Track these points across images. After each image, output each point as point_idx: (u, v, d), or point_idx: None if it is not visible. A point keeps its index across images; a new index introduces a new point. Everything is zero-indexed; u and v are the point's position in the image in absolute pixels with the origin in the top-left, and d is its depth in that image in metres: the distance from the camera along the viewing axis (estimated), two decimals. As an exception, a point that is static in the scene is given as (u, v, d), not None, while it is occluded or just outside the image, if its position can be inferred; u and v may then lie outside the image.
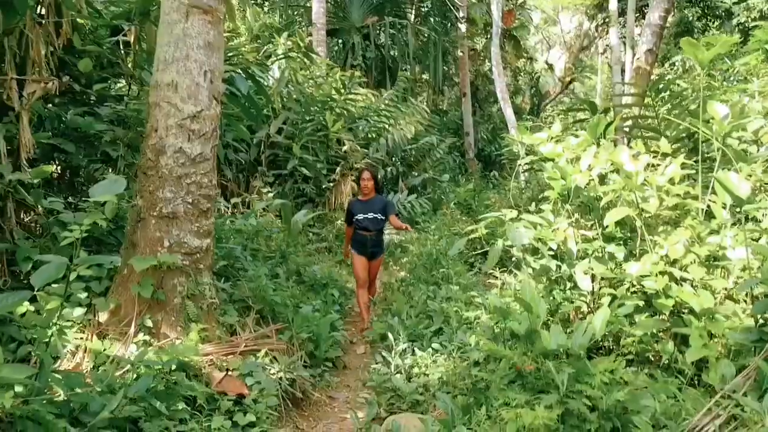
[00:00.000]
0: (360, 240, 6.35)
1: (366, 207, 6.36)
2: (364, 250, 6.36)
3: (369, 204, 6.36)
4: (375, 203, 6.37)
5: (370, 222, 6.29)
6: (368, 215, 6.29)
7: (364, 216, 6.30)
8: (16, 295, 2.55)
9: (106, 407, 2.77)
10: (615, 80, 10.02)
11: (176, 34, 4.05)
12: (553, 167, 4.05)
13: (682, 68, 17.38)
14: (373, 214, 6.29)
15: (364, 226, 6.29)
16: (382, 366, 4.60)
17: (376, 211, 6.31)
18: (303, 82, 12.24)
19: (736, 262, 3.28)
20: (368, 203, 6.37)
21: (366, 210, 6.33)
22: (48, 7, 4.80)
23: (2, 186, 4.33)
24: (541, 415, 2.68)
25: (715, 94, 6.95)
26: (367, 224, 6.28)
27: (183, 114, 4.06)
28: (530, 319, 3.25)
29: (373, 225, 6.31)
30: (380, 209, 6.33)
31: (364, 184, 6.38)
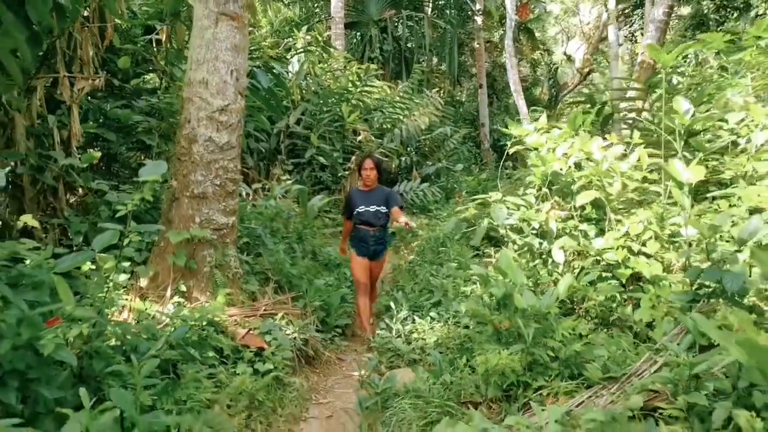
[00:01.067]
0: (361, 237, 5.66)
1: (368, 198, 5.66)
2: (365, 249, 5.68)
3: (371, 195, 5.68)
4: (377, 194, 5.69)
5: (372, 216, 5.60)
6: (370, 208, 5.60)
7: (366, 209, 5.60)
8: (82, 255, 3.18)
9: (151, 349, 3.39)
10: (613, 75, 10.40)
11: (207, 38, 4.66)
12: (536, 156, 4.59)
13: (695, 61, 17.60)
14: (375, 206, 5.61)
15: (366, 220, 5.61)
16: (385, 331, 5.20)
17: (379, 203, 5.62)
18: (321, 75, 12.83)
19: (687, 238, 3.81)
20: (370, 194, 5.69)
21: (368, 202, 5.63)
22: (93, 12, 5.44)
23: (56, 170, 5.00)
24: (505, 358, 3.25)
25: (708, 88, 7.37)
26: (369, 218, 5.60)
27: (212, 107, 4.67)
28: (506, 285, 3.81)
29: (376, 219, 5.62)
30: (383, 201, 5.65)
31: (366, 174, 5.65)
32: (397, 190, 12.59)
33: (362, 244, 5.68)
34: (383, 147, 12.49)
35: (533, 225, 4.57)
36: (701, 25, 21.20)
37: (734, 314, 2.29)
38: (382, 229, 5.72)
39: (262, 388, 3.78)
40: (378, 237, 5.69)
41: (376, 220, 5.63)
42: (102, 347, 3.16)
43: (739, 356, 1.93)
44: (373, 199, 5.65)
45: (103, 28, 5.40)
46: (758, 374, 1.91)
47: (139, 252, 4.80)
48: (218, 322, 4.26)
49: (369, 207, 5.62)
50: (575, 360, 3.48)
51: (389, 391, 3.86)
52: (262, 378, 3.92)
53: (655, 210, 3.92)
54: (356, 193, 5.83)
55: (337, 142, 11.59)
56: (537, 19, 22.58)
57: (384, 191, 5.78)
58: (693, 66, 17.82)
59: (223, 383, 3.66)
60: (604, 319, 3.88)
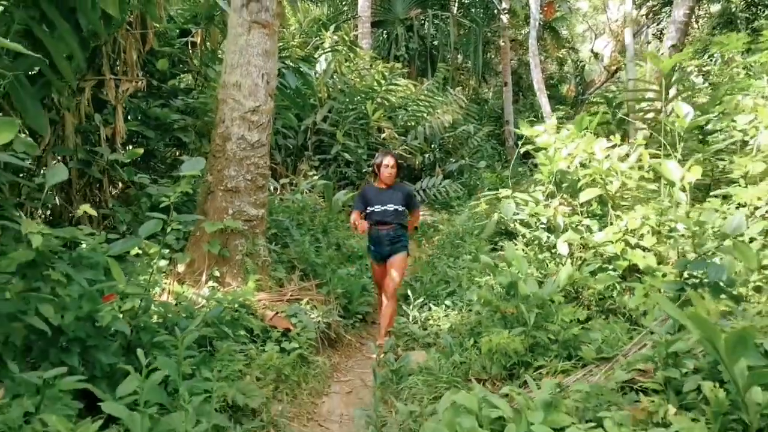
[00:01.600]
0: (374, 238, 5.31)
1: (384, 197, 5.30)
2: (380, 252, 5.32)
3: (388, 194, 5.32)
4: (396, 193, 5.37)
5: (390, 215, 5.24)
6: (387, 207, 5.23)
7: (383, 208, 5.23)
8: (131, 240, 3.60)
9: (190, 325, 3.81)
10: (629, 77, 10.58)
11: (240, 44, 5.06)
12: (544, 155, 4.90)
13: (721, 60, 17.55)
14: (393, 205, 5.26)
15: (380, 220, 5.23)
16: (402, 317, 5.56)
17: (396, 202, 5.29)
18: (347, 74, 13.20)
19: (682, 233, 4.09)
20: (387, 193, 5.33)
21: (384, 201, 5.27)
22: (136, 18, 5.88)
23: (102, 164, 5.46)
24: (507, 338, 3.58)
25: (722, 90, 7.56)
26: (386, 217, 5.23)
27: (245, 108, 5.08)
28: (512, 275, 4.14)
29: (394, 217, 5.27)
30: (402, 200, 5.32)
31: (388, 172, 5.29)
32: (420, 186, 12.91)
33: (377, 247, 5.32)
34: (407, 144, 12.83)
35: (542, 220, 4.88)
36: (729, 23, 21.04)
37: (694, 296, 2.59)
38: (398, 227, 5.27)
39: (288, 364, 4.17)
40: (394, 236, 5.25)
41: (394, 218, 5.24)
42: (148, 322, 3.58)
43: (694, 331, 2.24)
44: (392, 198, 5.28)
45: (144, 33, 5.84)
46: (709, 345, 2.21)
47: (177, 240, 5.24)
48: (249, 305, 4.67)
49: (386, 206, 5.22)
50: (573, 342, 3.79)
51: (404, 369, 4.23)
52: (288, 355, 4.31)
53: (652, 207, 4.20)
54: (371, 190, 5.39)
55: (362, 139, 11.96)
56: (562, 18, 22.66)
57: (404, 189, 5.51)
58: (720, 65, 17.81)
59: (253, 358, 4.06)
60: (603, 306, 4.18)
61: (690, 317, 2.15)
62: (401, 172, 5.82)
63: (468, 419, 2.69)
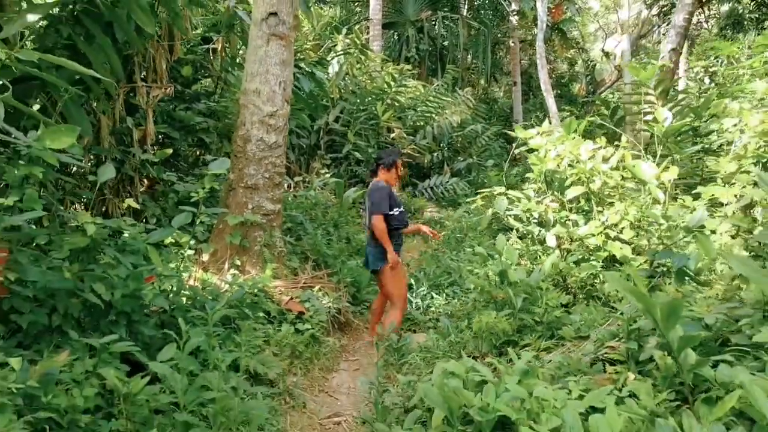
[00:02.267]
0: (399, 243, 5.26)
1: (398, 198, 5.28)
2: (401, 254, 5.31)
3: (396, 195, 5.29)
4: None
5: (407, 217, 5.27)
6: (402, 209, 5.20)
7: (400, 211, 5.16)
8: (166, 230, 4.12)
9: (216, 306, 4.32)
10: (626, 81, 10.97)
11: (260, 55, 5.57)
12: (536, 156, 5.37)
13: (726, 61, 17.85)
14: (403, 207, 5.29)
15: (404, 222, 5.19)
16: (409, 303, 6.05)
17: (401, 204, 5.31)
18: (358, 76, 13.71)
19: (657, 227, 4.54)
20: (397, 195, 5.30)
21: (400, 202, 5.25)
22: (164, 30, 6.41)
23: (135, 163, 6.00)
24: (495, 318, 4.06)
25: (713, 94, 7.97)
26: (405, 220, 5.21)
27: (263, 113, 5.59)
28: (502, 263, 4.62)
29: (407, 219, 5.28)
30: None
31: (400, 173, 5.34)
32: (428, 183, 13.39)
33: (399, 250, 5.22)
34: (415, 143, 13.31)
35: (534, 215, 5.35)
36: (738, 24, 21.29)
37: (634, 273, 3.05)
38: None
39: (302, 342, 4.68)
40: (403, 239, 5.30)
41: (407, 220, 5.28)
42: (180, 301, 4.11)
43: (634, 303, 2.70)
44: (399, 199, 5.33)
45: (172, 44, 6.36)
46: (649, 316, 2.67)
47: (201, 232, 5.76)
48: (266, 290, 5.18)
49: (401, 208, 5.20)
50: (556, 324, 4.26)
51: (405, 348, 4.72)
52: (302, 335, 4.82)
53: (631, 203, 4.66)
54: (392, 191, 5.16)
55: (372, 138, 12.46)
56: (570, 19, 23.02)
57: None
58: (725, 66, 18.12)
59: (271, 336, 4.57)
60: (585, 293, 4.65)
61: (631, 291, 2.62)
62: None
63: (455, 381, 3.17)
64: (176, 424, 2.88)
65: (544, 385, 3.16)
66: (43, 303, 3.24)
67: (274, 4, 5.51)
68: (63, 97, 4.22)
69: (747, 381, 2.17)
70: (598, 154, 4.92)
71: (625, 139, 5.21)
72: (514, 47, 23.05)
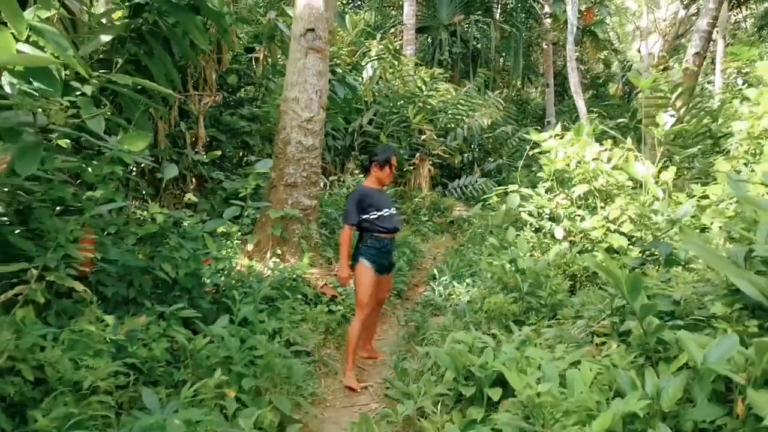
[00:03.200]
0: (380, 247, 4.68)
1: (386, 199, 4.82)
2: (383, 261, 4.73)
3: (386, 196, 4.90)
4: (387, 194, 4.99)
5: (397, 220, 4.83)
6: (392, 210, 4.76)
7: (389, 212, 4.71)
8: (219, 221, 4.81)
9: (261, 286, 4.99)
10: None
11: (299, 67, 6.24)
12: (547, 157, 5.90)
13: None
14: (395, 208, 4.85)
15: (390, 227, 4.69)
16: (429, 293, 6.64)
17: (392, 204, 4.84)
18: (391, 80, 14.32)
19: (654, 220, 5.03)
20: (385, 194, 4.93)
21: (389, 203, 4.78)
22: (213, 44, 7.14)
23: (187, 163, 6.74)
24: (503, 300, 4.63)
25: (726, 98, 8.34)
26: (393, 223, 4.73)
27: (302, 118, 6.25)
28: (513, 253, 5.17)
29: (398, 223, 4.86)
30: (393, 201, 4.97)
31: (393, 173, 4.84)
32: (458, 183, 13.93)
33: (384, 256, 4.73)
34: (446, 145, 13.86)
35: (545, 211, 5.88)
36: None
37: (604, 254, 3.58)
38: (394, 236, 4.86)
39: (335, 321, 5.32)
40: (392, 246, 4.88)
41: (398, 224, 4.85)
42: (230, 281, 4.79)
43: (605, 278, 3.24)
44: (389, 200, 4.86)
45: (219, 57, 7.09)
46: (618, 289, 3.19)
47: (245, 225, 6.46)
48: (304, 276, 5.84)
49: (391, 209, 4.75)
50: (558, 306, 4.80)
51: (426, 326, 5.32)
52: (335, 315, 5.46)
53: (631, 200, 5.15)
54: (372, 192, 4.75)
55: (404, 140, 13.06)
56: (601, 22, 23.23)
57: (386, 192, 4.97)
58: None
59: (307, 314, 5.22)
60: (587, 279, 5.16)
61: (601, 268, 3.17)
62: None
63: (462, 346, 3.76)
64: (231, 375, 3.54)
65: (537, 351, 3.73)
66: (122, 278, 3.94)
67: (311, 22, 6.17)
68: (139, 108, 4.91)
69: (684, 337, 2.70)
70: (603, 155, 5.42)
71: (630, 141, 5.70)
72: (547, 49, 23.35)
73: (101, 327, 3.16)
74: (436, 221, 11.88)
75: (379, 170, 4.72)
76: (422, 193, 12.57)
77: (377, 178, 4.77)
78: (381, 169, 4.71)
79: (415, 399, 3.60)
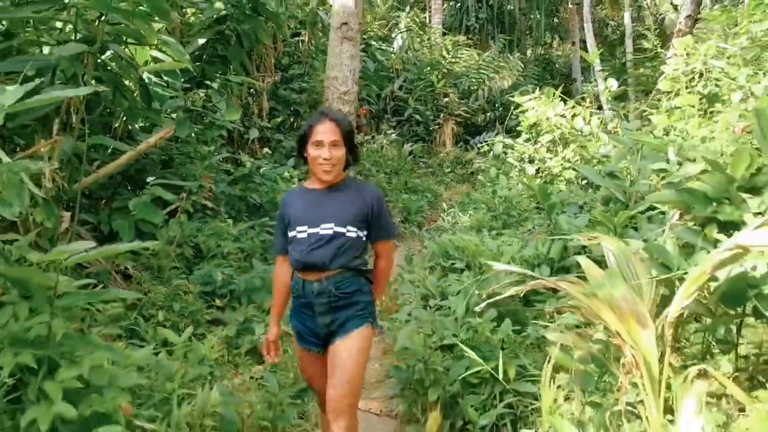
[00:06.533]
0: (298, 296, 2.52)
1: (321, 206, 2.47)
2: (305, 323, 2.53)
3: (329, 199, 2.49)
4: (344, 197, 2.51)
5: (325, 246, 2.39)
6: (325, 227, 2.40)
7: (311, 230, 2.42)
8: (284, 167, 6.97)
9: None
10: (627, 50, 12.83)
11: (336, 52, 8.27)
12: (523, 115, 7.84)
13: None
14: (332, 225, 2.40)
15: (310, 262, 2.41)
16: (441, 222, 8.71)
17: (342, 215, 2.44)
18: (419, 49, 16.17)
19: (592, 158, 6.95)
20: (328, 197, 2.50)
21: (320, 213, 2.44)
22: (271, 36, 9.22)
23: (257, 129, 8.93)
24: (483, 216, 6.67)
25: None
26: (318, 253, 2.39)
27: (340, 91, 8.32)
28: (494, 184, 7.18)
29: (333, 253, 2.39)
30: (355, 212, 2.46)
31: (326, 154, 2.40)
32: (479, 139, 15.80)
33: (306, 313, 2.52)
34: (467, 106, 15.70)
35: (525, 155, 7.85)
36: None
37: (537, 183, 5.59)
38: (345, 273, 2.43)
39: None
40: (335, 291, 2.43)
41: (333, 254, 2.39)
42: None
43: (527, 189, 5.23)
44: (334, 208, 2.47)
45: (276, 45, 9.17)
46: (538, 197, 5.18)
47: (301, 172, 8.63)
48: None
49: (321, 226, 2.41)
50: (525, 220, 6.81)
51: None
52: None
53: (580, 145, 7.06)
54: (301, 195, 2.59)
55: (429, 103, 14.98)
56: (620, -20, 24.24)
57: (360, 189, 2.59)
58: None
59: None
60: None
61: (531, 188, 5.18)
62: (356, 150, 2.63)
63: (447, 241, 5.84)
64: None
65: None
66: (227, 202, 6.15)
67: (345, 17, 8.19)
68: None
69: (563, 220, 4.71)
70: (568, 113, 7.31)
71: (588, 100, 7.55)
72: (572, 9, 24.59)
73: (226, 226, 5.38)
74: (457, 172, 13.81)
75: (305, 151, 2.50)
76: (446, 149, 14.52)
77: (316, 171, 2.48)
78: (304, 150, 2.51)
79: (414, 271, 5.71)
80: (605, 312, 2.16)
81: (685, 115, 5.97)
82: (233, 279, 4.65)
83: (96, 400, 2.14)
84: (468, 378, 3.11)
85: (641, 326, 2.12)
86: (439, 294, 4.67)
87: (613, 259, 2.35)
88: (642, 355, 2.11)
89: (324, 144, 2.42)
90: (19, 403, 2.21)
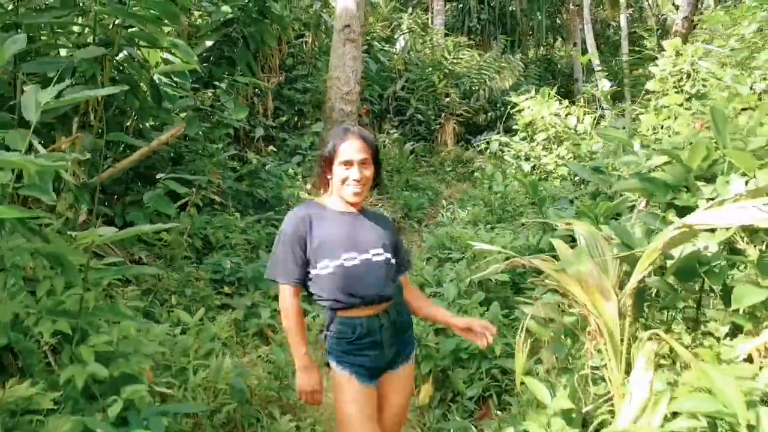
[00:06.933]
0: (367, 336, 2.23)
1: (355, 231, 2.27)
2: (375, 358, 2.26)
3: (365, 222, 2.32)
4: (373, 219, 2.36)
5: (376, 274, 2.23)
6: (375, 253, 2.24)
7: (363, 256, 2.22)
8: (290, 164, 7.25)
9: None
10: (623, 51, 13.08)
11: (339, 53, 8.56)
12: (519, 114, 8.11)
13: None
14: (384, 250, 2.27)
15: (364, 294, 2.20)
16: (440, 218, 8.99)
17: (384, 240, 2.30)
18: (421, 50, 16.45)
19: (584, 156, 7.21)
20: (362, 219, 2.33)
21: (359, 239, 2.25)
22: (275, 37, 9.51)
23: (263, 128, 9.22)
24: (479, 210, 6.94)
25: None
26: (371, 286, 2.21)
27: (342, 91, 8.60)
28: (490, 181, 7.45)
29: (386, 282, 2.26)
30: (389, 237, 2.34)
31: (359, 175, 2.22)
32: (479, 138, 16.09)
33: (365, 355, 2.25)
34: (468, 106, 15.97)
35: (521, 153, 8.12)
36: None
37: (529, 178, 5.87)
38: (397, 299, 2.36)
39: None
40: (394, 320, 2.32)
41: (385, 283, 2.26)
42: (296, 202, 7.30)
43: (521, 185, 5.50)
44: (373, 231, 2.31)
45: (280, 47, 9.47)
46: (529, 190, 5.46)
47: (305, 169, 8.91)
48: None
49: (364, 252, 2.23)
50: (520, 215, 7.08)
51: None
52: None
53: (573, 143, 7.33)
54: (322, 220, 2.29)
55: (431, 103, 15.25)
56: (619, -18, 24.49)
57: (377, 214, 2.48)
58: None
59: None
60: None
61: (524, 183, 5.45)
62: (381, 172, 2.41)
63: (445, 233, 6.11)
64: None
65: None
66: (234, 197, 6.44)
67: (347, 20, 8.47)
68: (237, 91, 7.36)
69: (552, 211, 4.98)
70: (562, 112, 7.58)
71: (582, 100, 7.81)
72: (573, 10, 24.84)
73: (233, 219, 5.67)
74: (458, 171, 14.06)
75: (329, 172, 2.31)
76: (447, 148, 14.79)
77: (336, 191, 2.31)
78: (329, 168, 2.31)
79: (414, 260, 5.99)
80: (574, 286, 2.44)
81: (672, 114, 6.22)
82: (241, 267, 4.94)
83: (123, 363, 2.44)
84: (458, 354, 3.40)
85: (605, 299, 2.40)
86: (435, 282, 4.95)
87: (583, 240, 2.63)
88: (606, 324, 2.38)
89: (353, 164, 2.23)
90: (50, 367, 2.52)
